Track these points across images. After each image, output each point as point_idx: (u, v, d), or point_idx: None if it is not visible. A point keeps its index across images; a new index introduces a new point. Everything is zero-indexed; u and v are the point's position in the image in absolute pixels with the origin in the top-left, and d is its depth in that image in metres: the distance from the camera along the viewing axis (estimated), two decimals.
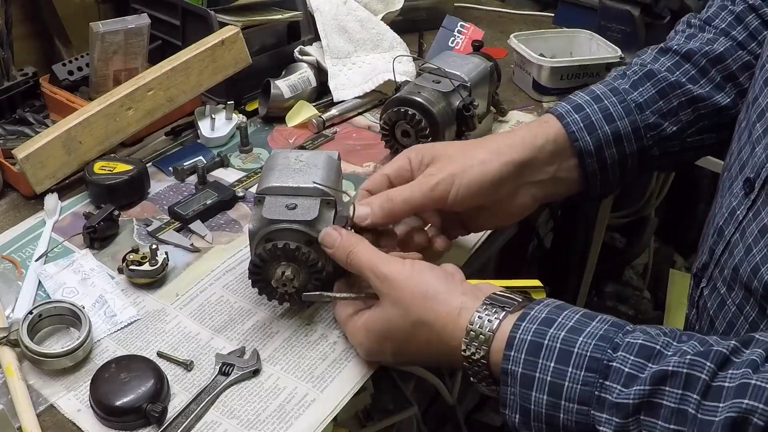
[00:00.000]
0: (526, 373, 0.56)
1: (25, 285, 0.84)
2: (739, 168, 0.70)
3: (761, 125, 0.67)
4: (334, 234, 0.72)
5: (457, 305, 0.62)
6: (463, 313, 0.62)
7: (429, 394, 1.47)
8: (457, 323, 0.62)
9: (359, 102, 1.19)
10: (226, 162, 1.06)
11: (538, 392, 0.56)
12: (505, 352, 0.58)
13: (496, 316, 0.60)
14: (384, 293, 0.67)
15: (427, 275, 0.66)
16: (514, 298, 0.62)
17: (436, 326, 0.63)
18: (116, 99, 1.00)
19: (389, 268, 0.67)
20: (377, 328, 0.68)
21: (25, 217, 0.95)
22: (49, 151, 0.95)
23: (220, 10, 1.16)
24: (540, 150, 0.77)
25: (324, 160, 0.83)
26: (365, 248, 0.70)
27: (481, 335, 0.60)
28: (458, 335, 0.61)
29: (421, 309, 0.64)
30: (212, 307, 0.82)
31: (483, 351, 0.60)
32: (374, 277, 0.68)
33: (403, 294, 0.65)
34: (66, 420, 0.70)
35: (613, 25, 1.38)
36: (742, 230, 0.66)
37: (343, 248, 0.70)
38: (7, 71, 1.08)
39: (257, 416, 0.70)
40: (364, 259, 0.69)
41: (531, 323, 0.58)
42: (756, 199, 0.65)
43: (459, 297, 0.63)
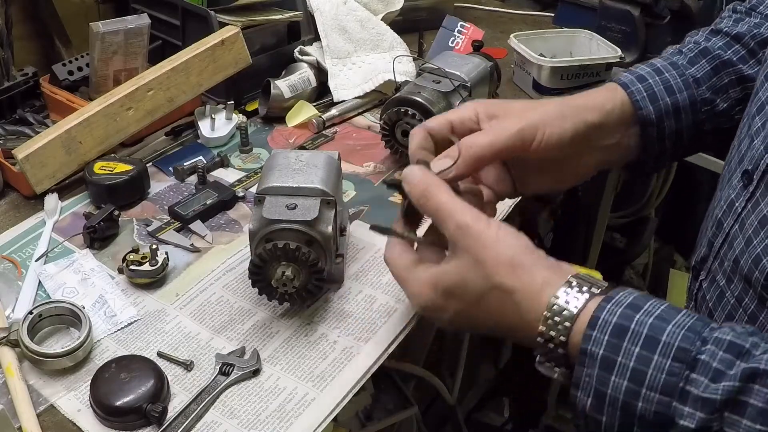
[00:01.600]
0: (608, 356, 0.53)
1: (25, 285, 0.84)
2: (738, 161, 0.71)
3: (760, 118, 0.67)
4: (416, 170, 0.65)
5: (542, 279, 0.58)
6: (546, 288, 0.58)
7: (429, 394, 1.47)
8: (540, 297, 0.58)
9: (359, 102, 1.19)
10: (226, 162, 1.06)
11: (618, 377, 0.53)
12: (587, 332, 0.55)
13: (582, 295, 0.57)
14: (464, 247, 0.61)
15: (514, 240, 0.61)
16: (599, 281, 0.58)
17: (515, 295, 0.59)
18: (116, 99, 1.00)
19: (474, 220, 0.61)
20: (446, 283, 0.62)
21: (25, 217, 0.95)
22: (49, 151, 0.95)
23: (220, 10, 1.16)
24: (609, 114, 0.77)
25: (324, 160, 0.83)
26: (447, 191, 0.63)
27: (565, 311, 0.56)
28: (538, 309, 0.57)
29: (504, 275, 0.59)
30: (212, 307, 0.82)
31: (563, 329, 0.56)
32: (455, 226, 0.61)
33: (487, 255, 0.60)
34: (66, 420, 0.70)
35: (613, 25, 1.38)
36: (741, 222, 0.67)
37: (423, 184, 0.64)
38: (7, 71, 1.08)
39: (257, 416, 0.71)
40: (445, 201, 0.62)
41: (617, 306, 0.55)
42: (755, 191, 0.65)
43: (543, 271, 0.59)
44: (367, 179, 1.04)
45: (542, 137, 0.72)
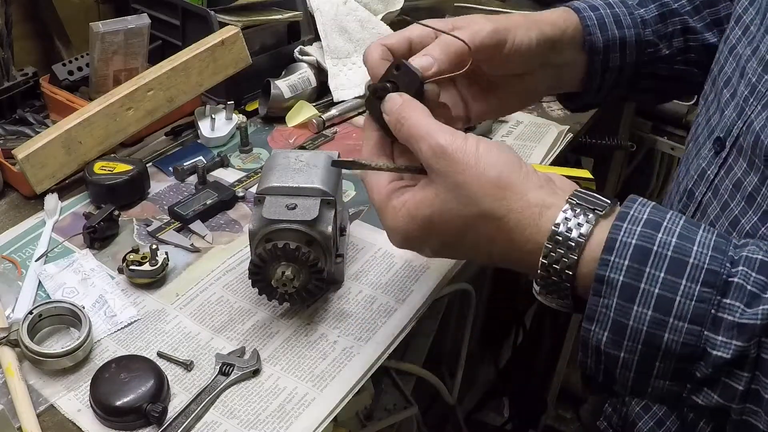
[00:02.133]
0: (629, 282, 0.48)
1: (25, 285, 0.84)
2: (707, 133, 0.71)
3: (728, 90, 0.68)
4: (396, 98, 0.59)
5: (537, 201, 0.52)
6: (545, 212, 0.52)
7: (429, 394, 1.47)
8: (539, 224, 0.52)
9: (359, 102, 1.19)
10: (226, 162, 1.06)
11: (641, 306, 0.47)
12: (603, 256, 0.49)
13: (587, 218, 0.51)
14: (441, 172, 0.54)
15: (498, 157, 0.54)
16: (601, 197, 0.52)
17: (507, 222, 0.52)
18: (116, 99, 1.00)
19: (450, 140, 0.54)
20: (425, 214, 0.56)
21: (25, 217, 0.95)
22: (49, 151, 0.95)
23: (220, 10, 1.16)
24: (564, 33, 0.76)
25: (324, 160, 0.83)
26: (421, 113, 0.57)
27: (570, 242, 0.50)
28: (538, 238, 0.52)
29: (491, 200, 0.53)
30: (212, 307, 0.82)
31: (571, 259, 0.50)
32: (427, 148, 0.55)
33: (468, 177, 0.53)
34: (66, 420, 0.70)
35: None
36: (714, 189, 0.66)
37: (398, 112, 0.58)
38: (7, 71, 1.08)
39: (257, 416, 0.70)
40: (419, 124, 0.56)
41: (634, 224, 0.49)
42: (727, 156, 0.65)
43: (536, 191, 0.53)
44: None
45: (513, 41, 0.69)
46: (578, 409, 2.09)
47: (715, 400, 0.48)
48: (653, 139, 1.54)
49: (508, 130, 1.16)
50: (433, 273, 0.86)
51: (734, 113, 0.66)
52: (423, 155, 0.56)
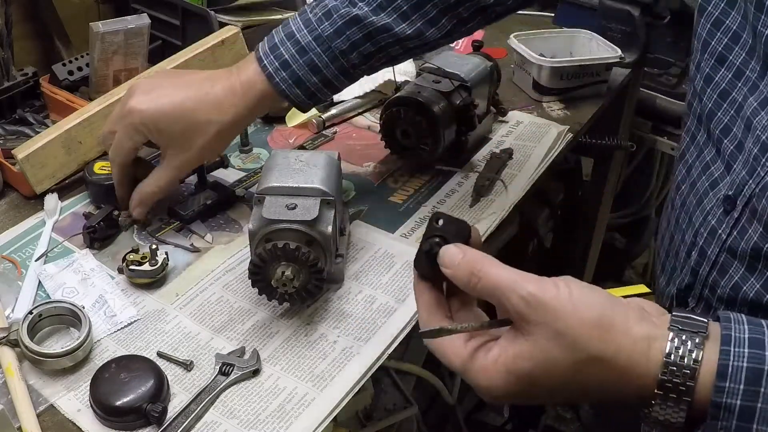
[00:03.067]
0: (747, 404, 0.49)
1: (25, 285, 0.84)
2: (708, 184, 0.69)
3: (730, 142, 0.66)
4: (455, 251, 0.56)
5: (642, 335, 0.51)
6: (653, 344, 0.51)
7: (429, 394, 1.47)
8: (648, 357, 0.51)
9: (359, 102, 1.19)
10: (226, 162, 1.06)
11: (761, 424, 0.49)
12: (717, 384, 0.49)
13: (695, 343, 0.51)
14: (538, 322, 0.52)
15: (592, 297, 0.53)
16: (695, 318, 0.52)
17: (618, 362, 0.51)
18: (116, 99, 1.00)
19: (541, 287, 0.52)
20: (525, 367, 0.52)
21: (25, 217, 0.95)
22: (49, 151, 0.95)
23: (220, 10, 1.16)
24: (255, 112, 0.86)
25: (324, 160, 0.83)
26: (495, 263, 0.55)
27: (685, 369, 0.50)
28: (650, 371, 0.51)
29: (597, 342, 0.51)
30: (212, 307, 0.82)
31: (688, 386, 0.50)
32: (519, 299, 0.52)
33: (568, 323, 0.51)
34: (66, 420, 0.70)
35: (613, 25, 1.38)
36: (729, 249, 0.65)
37: (468, 264, 0.55)
38: (7, 71, 1.08)
39: (257, 416, 0.71)
40: (501, 275, 0.54)
41: (740, 347, 0.50)
42: (740, 217, 0.64)
43: (639, 325, 0.52)
44: (367, 179, 1.04)
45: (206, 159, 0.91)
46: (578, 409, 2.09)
47: None
48: (653, 139, 1.54)
49: (508, 131, 1.16)
50: None
51: (744, 171, 0.64)
52: (514, 306, 0.53)
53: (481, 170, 1.05)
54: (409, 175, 1.05)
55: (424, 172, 1.05)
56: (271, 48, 0.82)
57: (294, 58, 0.81)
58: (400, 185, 1.03)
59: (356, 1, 0.81)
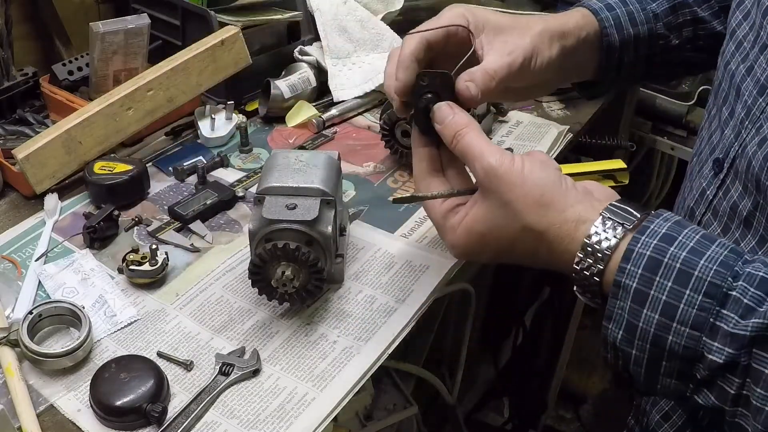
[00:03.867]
0: (641, 289, 0.54)
1: (25, 285, 0.84)
2: (709, 152, 0.72)
3: (726, 108, 0.69)
4: (446, 110, 0.66)
5: (573, 217, 0.58)
6: (580, 227, 0.58)
7: (429, 394, 1.47)
8: (574, 236, 0.58)
9: (359, 102, 1.19)
10: (226, 162, 1.06)
11: (650, 310, 0.53)
12: (621, 264, 0.55)
13: (615, 232, 0.56)
14: (490, 190, 0.61)
15: (540, 175, 0.60)
16: (632, 211, 0.58)
17: (547, 236, 0.59)
18: (116, 99, 1.00)
19: (499, 160, 0.61)
20: (479, 229, 0.63)
21: (25, 217, 0.95)
22: (49, 151, 0.95)
23: (220, 10, 1.16)
24: (584, 41, 0.80)
25: (324, 160, 0.83)
26: (476, 133, 0.63)
27: (598, 253, 0.56)
28: (572, 248, 0.58)
29: (534, 215, 0.59)
30: (212, 307, 0.82)
31: (598, 268, 0.57)
32: (480, 168, 0.61)
33: (514, 195, 0.60)
34: (66, 420, 0.70)
35: None
36: (713, 209, 0.68)
37: (453, 126, 0.64)
38: (7, 71, 1.08)
39: (257, 416, 0.71)
40: (473, 144, 0.62)
41: (651, 237, 0.55)
42: (725, 178, 0.67)
43: (575, 206, 0.59)
44: (367, 179, 1.04)
45: (535, 63, 0.75)
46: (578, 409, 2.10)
47: (711, 401, 0.53)
48: (653, 139, 1.54)
49: (509, 130, 1.16)
50: (433, 273, 0.86)
51: (732, 134, 0.66)
52: (476, 174, 0.62)
53: None
54: (409, 175, 1.05)
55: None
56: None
57: (618, 4, 0.82)
58: (400, 185, 1.03)
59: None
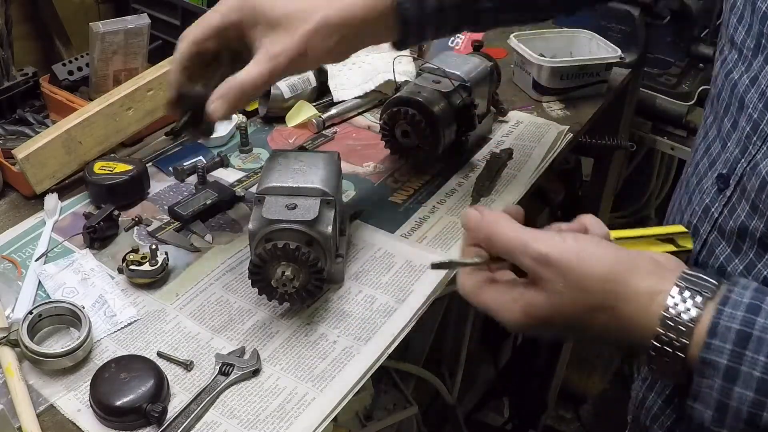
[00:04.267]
0: (732, 365, 0.50)
1: (25, 285, 0.84)
2: (708, 164, 0.70)
3: (728, 120, 0.67)
4: (473, 213, 0.61)
5: (646, 289, 0.54)
6: (655, 299, 0.53)
7: (429, 394, 1.47)
8: (649, 310, 0.54)
9: (359, 102, 1.19)
10: (226, 162, 1.06)
11: (743, 388, 0.50)
12: (707, 340, 0.51)
13: (695, 302, 0.52)
14: (549, 278, 0.56)
15: (599, 251, 0.56)
16: (707, 279, 0.54)
17: (619, 312, 0.55)
18: (116, 99, 1.00)
19: (548, 245, 0.56)
20: (541, 315, 0.57)
21: (25, 217, 0.95)
22: (49, 151, 0.95)
23: None
24: (373, 23, 0.77)
25: (324, 160, 0.83)
26: (509, 225, 0.59)
27: (681, 326, 0.52)
28: (650, 324, 0.53)
29: (601, 293, 0.55)
30: (212, 307, 0.82)
31: (682, 342, 0.52)
32: (529, 260, 0.56)
33: (576, 277, 0.55)
34: (66, 420, 0.70)
35: (613, 25, 1.38)
36: (719, 228, 0.66)
37: (486, 228, 0.59)
38: (7, 71, 1.08)
39: (257, 416, 0.71)
40: (511, 238, 0.58)
41: (735, 308, 0.51)
42: (731, 195, 0.65)
43: (645, 278, 0.54)
44: (367, 179, 1.04)
45: (307, 59, 0.74)
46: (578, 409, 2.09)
47: None
48: (653, 139, 1.54)
49: (508, 131, 1.16)
50: (433, 273, 0.86)
51: (737, 149, 0.64)
52: (527, 267, 0.57)
53: (481, 170, 1.05)
54: (409, 175, 1.05)
55: (424, 172, 1.05)
56: None
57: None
58: (400, 185, 1.03)
59: None
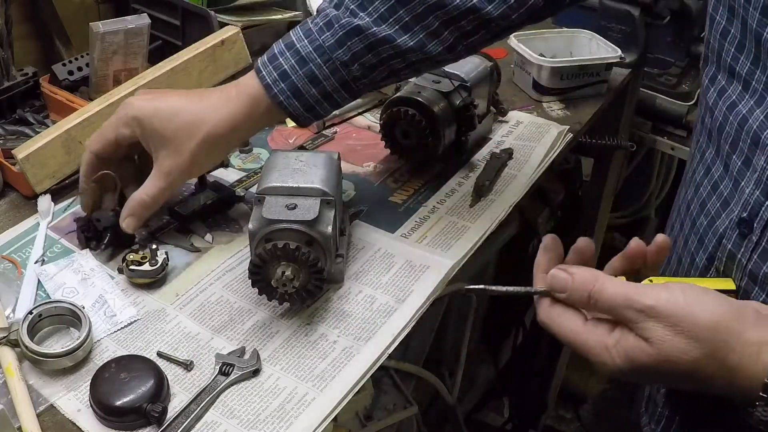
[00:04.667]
0: None
1: (25, 285, 0.84)
2: (720, 205, 0.68)
3: (737, 157, 0.65)
4: (562, 276, 0.61)
5: (755, 339, 0.54)
6: (765, 348, 0.54)
7: (429, 394, 1.47)
8: (758, 360, 0.54)
9: (359, 102, 1.19)
10: (226, 162, 1.06)
11: None
12: None
13: None
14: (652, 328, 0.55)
15: (706, 301, 0.56)
16: None
17: (729, 363, 0.55)
18: (116, 99, 1.00)
19: (654, 297, 0.56)
20: (644, 362, 0.56)
21: (25, 217, 0.95)
22: (49, 151, 0.95)
23: (220, 10, 1.16)
24: (259, 120, 0.83)
25: (324, 160, 0.83)
26: (609, 282, 0.58)
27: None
28: (759, 375, 0.54)
29: (711, 343, 0.55)
30: (212, 307, 0.82)
31: None
32: (638, 315, 0.56)
33: (685, 327, 0.55)
34: (66, 420, 0.70)
35: (613, 25, 1.38)
36: (750, 275, 0.65)
37: (583, 288, 0.59)
38: (7, 71, 1.08)
39: (257, 416, 0.71)
40: (614, 294, 0.57)
41: None
42: (759, 241, 0.63)
43: (753, 329, 0.55)
44: (367, 179, 1.04)
45: (198, 169, 0.89)
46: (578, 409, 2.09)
47: None
48: (653, 139, 1.54)
49: (508, 130, 1.16)
50: (433, 273, 0.86)
51: (757, 191, 0.63)
52: (634, 321, 0.56)
53: (481, 170, 1.05)
54: (409, 175, 1.05)
55: (424, 172, 1.05)
56: (270, 59, 0.80)
57: (293, 69, 0.79)
58: (400, 185, 1.03)
59: (358, 12, 0.79)
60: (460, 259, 0.89)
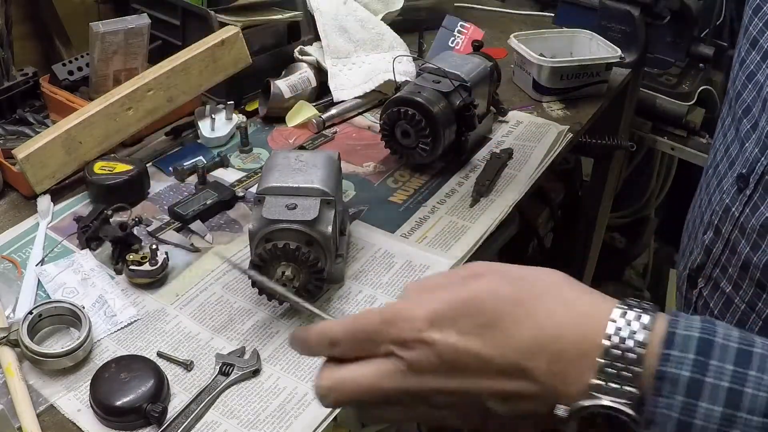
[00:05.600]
0: (695, 377, 0.42)
1: (25, 285, 0.84)
2: (728, 165, 0.70)
3: (748, 121, 0.67)
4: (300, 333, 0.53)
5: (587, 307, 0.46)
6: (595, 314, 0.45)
7: None
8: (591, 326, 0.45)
9: (359, 102, 1.19)
10: (226, 162, 1.06)
11: (710, 402, 0.42)
12: (663, 351, 0.42)
13: (644, 314, 0.44)
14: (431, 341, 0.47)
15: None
16: (647, 303, 0.45)
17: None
18: (116, 99, 1.00)
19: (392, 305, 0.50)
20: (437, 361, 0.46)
21: (25, 217, 0.95)
22: (49, 151, 0.95)
23: (220, 10, 1.16)
24: None
25: (324, 160, 0.83)
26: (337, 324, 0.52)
27: (632, 323, 0.43)
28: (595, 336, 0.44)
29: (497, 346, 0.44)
30: (212, 307, 0.82)
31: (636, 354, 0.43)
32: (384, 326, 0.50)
33: None
34: (66, 420, 0.70)
35: (613, 25, 1.38)
36: (740, 227, 0.66)
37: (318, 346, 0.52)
38: (7, 71, 1.08)
39: (257, 416, 0.71)
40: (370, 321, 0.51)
41: (690, 320, 0.44)
42: (752, 194, 0.65)
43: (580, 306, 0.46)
44: (367, 179, 1.04)
45: None
46: None
47: None
48: (653, 139, 1.54)
49: (508, 131, 1.16)
50: (433, 273, 0.86)
51: (756, 149, 0.64)
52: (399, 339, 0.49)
53: (481, 170, 1.05)
54: (409, 175, 1.05)
55: (424, 172, 1.05)
56: None
57: None
58: (400, 185, 1.03)
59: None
60: (460, 259, 0.89)
